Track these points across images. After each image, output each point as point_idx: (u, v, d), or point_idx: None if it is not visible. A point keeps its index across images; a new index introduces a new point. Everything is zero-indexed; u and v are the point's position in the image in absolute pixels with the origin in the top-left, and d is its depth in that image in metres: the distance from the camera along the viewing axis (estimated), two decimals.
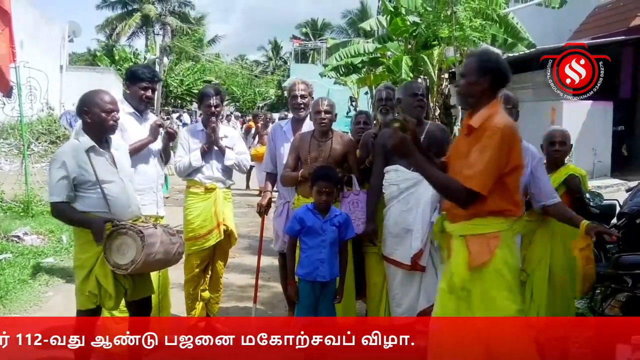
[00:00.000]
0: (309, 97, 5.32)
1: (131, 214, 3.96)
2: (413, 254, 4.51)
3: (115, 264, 3.72)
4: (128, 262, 3.70)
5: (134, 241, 3.71)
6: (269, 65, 63.39)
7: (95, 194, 3.82)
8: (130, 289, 3.93)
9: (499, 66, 3.37)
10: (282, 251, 5.22)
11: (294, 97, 5.31)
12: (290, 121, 5.49)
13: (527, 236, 4.88)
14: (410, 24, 13.19)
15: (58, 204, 3.78)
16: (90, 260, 3.82)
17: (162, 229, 3.97)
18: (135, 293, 3.99)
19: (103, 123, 3.87)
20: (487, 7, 11.41)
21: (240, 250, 7.61)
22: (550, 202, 4.16)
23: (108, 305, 3.89)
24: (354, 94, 21.15)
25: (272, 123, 15.27)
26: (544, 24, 15.77)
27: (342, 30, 47.35)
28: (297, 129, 5.34)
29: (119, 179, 3.93)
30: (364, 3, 42.61)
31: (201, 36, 53.44)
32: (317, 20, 56.52)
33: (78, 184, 3.80)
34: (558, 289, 4.76)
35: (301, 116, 5.34)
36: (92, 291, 3.80)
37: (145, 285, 4.09)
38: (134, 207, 4.02)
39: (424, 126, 4.74)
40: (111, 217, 3.79)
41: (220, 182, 5.25)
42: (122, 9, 51.87)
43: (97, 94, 3.95)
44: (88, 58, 51.33)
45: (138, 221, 3.95)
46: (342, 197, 4.85)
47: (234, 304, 6.16)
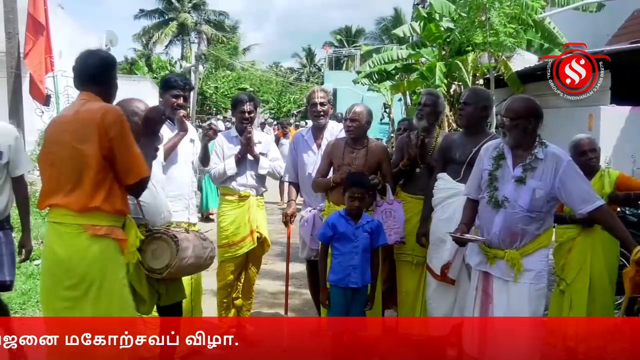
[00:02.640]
0: (328, 105, 5.32)
1: (163, 219, 4.00)
2: (442, 264, 4.49)
3: (150, 268, 3.77)
4: (162, 266, 3.75)
5: (168, 246, 3.76)
6: (303, 73, 63.59)
7: (129, 199, 3.86)
8: (164, 294, 3.99)
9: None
10: (310, 259, 5.22)
11: (313, 104, 5.31)
12: (310, 129, 5.49)
13: (566, 244, 4.82)
14: (444, 30, 13.08)
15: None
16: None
17: (193, 234, 4.03)
18: (169, 298, 4.04)
19: (137, 130, 3.92)
20: (522, 12, 11.23)
21: (273, 257, 7.64)
22: (590, 208, 3.62)
23: (142, 310, 3.92)
24: (388, 100, 21.04)
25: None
26: (581, 28, 15.52)
27: (375, 37, 47.19)
28: (318, 137, 5.36)
29: (151, 185, 3.97)
30: (398, 9, 42.50)
31: (236, 44, 53.86)
32: (351, 27, 56.58)
33: None
34: (598, 299, 4.68)
35: (321, 124, 5.34)
36: None
37: (178, 290, 4.14)
38: (166, 213, 4.05)
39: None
40: (144, 222, 3.84)
41: (254, 190, 5.27)
42: (159, 18, 52.67)
43: (132, 101, 4.00)
44: (125, 67, 52.06)
45: (170, 227, 4.00)
46: (375, 205, 4.83)
47: (265, 310, 6.17)
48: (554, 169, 3.68)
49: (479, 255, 3.93)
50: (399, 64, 14.46)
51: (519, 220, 3.72)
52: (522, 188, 3.71)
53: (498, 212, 3.78)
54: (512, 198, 3.73)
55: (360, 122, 4.91)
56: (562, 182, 3.66)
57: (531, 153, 3.73)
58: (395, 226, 4.78)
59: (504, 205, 3.75)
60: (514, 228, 3.74)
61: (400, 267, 5.05)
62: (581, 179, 3.72)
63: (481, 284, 3.93)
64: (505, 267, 3.77)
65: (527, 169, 3.72)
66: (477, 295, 3.94)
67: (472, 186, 4.05)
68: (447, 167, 4.68)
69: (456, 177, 4.56)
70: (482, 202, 3.92)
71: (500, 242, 3.79)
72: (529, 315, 3.73)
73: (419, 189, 4.94)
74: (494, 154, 3.89)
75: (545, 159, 3.71)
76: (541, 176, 3.69)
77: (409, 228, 4.86)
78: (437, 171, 4.73)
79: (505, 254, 3.76)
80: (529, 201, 3.69)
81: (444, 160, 4.71)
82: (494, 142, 4.02)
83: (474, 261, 3.99)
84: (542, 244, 3.79)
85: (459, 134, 4.79)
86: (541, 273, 3.78)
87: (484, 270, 3.91)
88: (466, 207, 4.11)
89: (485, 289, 3.90)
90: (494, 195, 3.80)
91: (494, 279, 3.85)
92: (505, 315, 3.76)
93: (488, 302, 3.88)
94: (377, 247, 4.37)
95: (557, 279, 4.90)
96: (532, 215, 3.71)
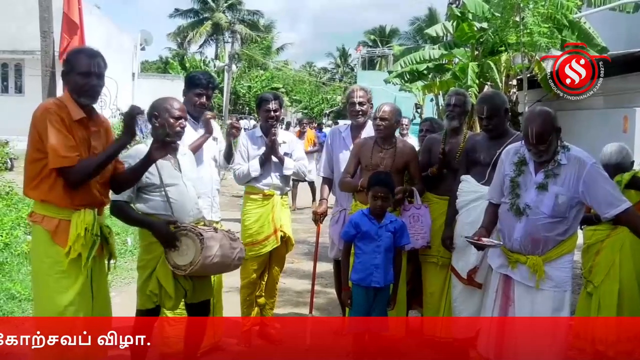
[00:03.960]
0: (368, 104, 5.26)
1: (193, 217, 4.03)
2: (469, 269, 4.44)
3: (175, 264, 3.80)
4: (187, 263, 3.77)
5: (193, 243, 3.77)
6: (336, 73, 63.68)
7: (159, 196, 3.93)
8: (190, 291, 4.00)
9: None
10: (338, 259, 5.19)
11: (352, 104, 5.26)
12: (349, 127, 5.43)
13: (594, 246, 4.74)
14: (477, 30, 12.97)
15: (119, 202, 3.86)
16: (153, 261, 3.92)
17: (222, 234, 4.03)
18: (195, 295, 4.05)
19: (171, 128, 3.95)
20: (556, 12, 11.08)
21: (299, 255, 7.64)
22: (616, 211, 3.55)
23: (168, 305, 3.97)
24: (420, 100, 20.94)
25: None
26: (617, 29, 15.23)
27: (409, 37, 47.01)
28: (356, 136, 5.29)
29: (182, 182, 4.01)
30: (432, 9, 42.19)
31: (269, 44, 54.09)
32: (385, 28, 56.44)
33: (143, 186, 3.91)
34: (626, 301, 4.61)
35: (359, 122, 5.29)
36: (153, 291, 3.89)
37: (205, 288, 4.15)
38: (195, 210, 4.08)
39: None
40: (174, 220, 3.87)
41: (278, 190, 5.25)
42: (194, 17, 53.17)
43: (167, 100, 4.08)
44: (160, 66, 52.73)
45: (199, 224, 4.02)
46: (402, 209, 4.79)
47: (290, 309, 6.17)
48: (577, 173, 3.60)
49: (500, 258, 3.87)
50: (431, 64, 14.37)
51: (542, 228, 3.66)
52: (545, 194, 3.64)
53: (520, 220, 3.71)
54: (534, 205, 3.67)
55: (390, 121, 4.87)
56: (587, 185, 3.58)
57: (554, 159, 3.66)
58: (422, 231, 4.75)
59: (526, 212, 3.68)
60: (536, 235, 3.67)
61: (425, 268, 5.01)
62: (606, 182, 3.63)
63: (502, 287, 3.88)
64: (527, 273, 3.71)
65: (549, 175, 3.65)
66: (497, 298, 3.89)
67: (495, 190, 3.98)
68: (471, 169, 4.62)
69: (481, 179, 4.50)
70: (504, 207, 3.86)
71: (522, 248, 3.73)
72: (553, 321, 3.67)
73: (445, 190, 4.88)
74: (514, 160, 3.82)
75: (568, 163, 3.63)
76: (564, 182, 3.62)
77: (435, 229, 4.82)
78: (461, 173, 4.68)
79: (528, 260, 3.69)
80: (551, 207, 3.62)
81: (468, 162, 4.65)
82: (514, 145, 3.94)
83: (495, 263, 3.93)
84: (565, 250, 3.72)
85: (483, 136, 4.71)
86: (565, 280, 3.72)
87: (505, 273, 3.85)
88: (487, 211, 4.05)
89: (506, 292, 3.84)
90: (516, 202, 3.74)
91: (515, 283, 3.79)
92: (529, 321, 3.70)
93: (508, 305, 3.82)
94: (400, 247, 4.33)
95: (585, 281, 4.81)
96: (555, 221, 3.64)
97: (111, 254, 3.65)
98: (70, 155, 3.27)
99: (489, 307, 3.96)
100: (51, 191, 3.34)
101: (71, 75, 3.41)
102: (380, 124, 4.87)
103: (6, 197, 9.16)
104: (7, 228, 7.58)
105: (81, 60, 3.42)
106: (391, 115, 4.88)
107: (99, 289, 3.54)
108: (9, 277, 6.30)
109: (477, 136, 4.87)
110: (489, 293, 4.02)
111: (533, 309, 3.70)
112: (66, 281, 3.35)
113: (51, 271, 3.35)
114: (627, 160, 4.77)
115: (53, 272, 3.35)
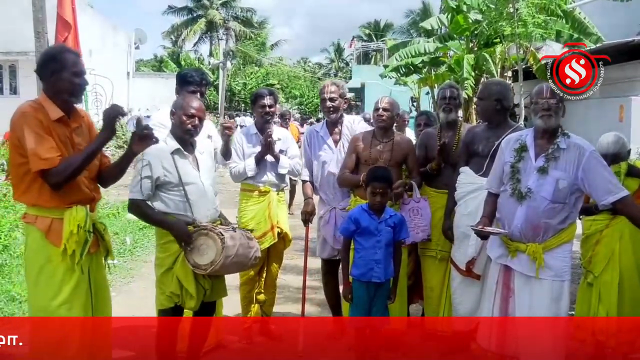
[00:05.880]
0: (340, 99, 5.19)
1: (210, 216, 4.04)
2: (467, 260, 4.44)
3: (195, 264, 3.80)
4: (207, 262, 3.78)
5: (214, 242, 3.78)
6: (331, 68, 63.52)
7: (178, 195, 3.92)
8: (209, 290, 3.99)
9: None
10: (331, 258, 5.19)
11: (323, 100, 5.20)
12: (324, 124, 5.39)
13: (594, 236, 4.74)
14: (472, 22, 12.98)
15: (137, 201, 3.87)
16: (169, 259, 3.92)
17: (240, 233, 4.04)
18: (213, 295, 4.06)
19: (181, 125, 3.96)
20: (550, 3, 11.08)
21: (297, 252, 7.62)
22: (614, 199, 3.57)
23: (189, 305, 3.95)
24: (415, 94, 20.94)
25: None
26: (613, 18, 15.24)
27: (404, 31, 46.90)
28: (333, 131, 5.28)
29: (200, 181, 4.01)
30: (426, 2, 42.11)
31: (264, 40, 54.01)
32: (380, 21, 56.34)
33: (161, 185, 3.90)
34: (626, 291, 4.61)
35: (332, 119, 5.23)
36: (174, 292, 3.89)
37: (221, 287, 4.18)
38: (212, 209, 4.08)
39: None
40: (192, 219, 3.88)
41: (274, 187, 5.24)
42: (187, 15, 53.07)
43: (186, 98, 4.09)
44: (155, 64, 52.61)
45: (216, 223, 4.03)
46: (402, 203, 4.79)
47: (290, 305, 6.16)
48: (576, 160, 3.62)
49: (500, 248, 3.87)
50: (426, 58, 14.38)
51: (542, 214, 3.66)
52: (545, 178, 3.66)
53: (521, 205, 3.71)
54: (535, 189, 3.67)
55: (392, 112, 4.89)
56: (585, 172, 3.60)
57: (554, 142, 3.67)
58: (422, 224, 4.76)
59: (528, 196, 3.68)
60: (536, 221, 3.68)
61: (424, 262, 5.01)
62: (604, 169, 3.64)
63: (502, 278, 3.88)
64: (527, 261, 3.72)
65: (550, 158, 3.67)
66: (498, 289, 3.90)
67: (494, 180, 3.99)
68: (470, 160, 4.62)
69: (479, 170, 4.50)
70: (504, 195, 3.86)
71: (522, 236, 3.74)
72: (552, 312, 3.68)
73: (443, 184, 4.88)
74: (515, 146, 3.83)
75: (567, 149, 3.66)
76: (564, 167, 3.63)
77: (434, 222, 4.83)
78: (460, 165, 4.68)
79: (527, 248, 3.70)
80: (552, 192, 3.63)
81: (467, 154, 4.65)
82: (516, 134, 3.95)
83: (494, 254, 3.93)
84: (565, 239, 3.73)
85: (481, 127, 4.72)
86: (564, 269, 3.72)
87: (505, 264, 3.85)
88: (487, 201, 4.05)
89: (507, 282, 3.85)
90: (517, 187, 3.74)
91: (515, 273, 3.80)
92: (528, 312, 3.70)
93: (509, 296, 3.83)
94: (400, 241, 4.32)
95: (584, 272, 4.81)
96: (555, 206, 3.64)
97: (108, 250, 3.64)
98: (50, 156, 3.25)
99: (489, 298, 3.97)
100: (40, 194, 3.34)
101: (62, 73, 3.37)
102: (382, 114, 4.87)
103: (4, 199, 9.15)
104: (6, 230, 7.59)
105: (72, 60, 3.41)
106: (393, 106, 4.91)
107: (98, 286, 3.54)
108: (9, 279, 6.30)
109: (475, 128, 4.87)
110: (489, 284, 4.03)
111: (532, 299, 3.71)
112: (60, 279, 3.34)
113: (45, 270, 3.35)
114: (623, 149, 4.78)
115: (46, 271, 3.35)
